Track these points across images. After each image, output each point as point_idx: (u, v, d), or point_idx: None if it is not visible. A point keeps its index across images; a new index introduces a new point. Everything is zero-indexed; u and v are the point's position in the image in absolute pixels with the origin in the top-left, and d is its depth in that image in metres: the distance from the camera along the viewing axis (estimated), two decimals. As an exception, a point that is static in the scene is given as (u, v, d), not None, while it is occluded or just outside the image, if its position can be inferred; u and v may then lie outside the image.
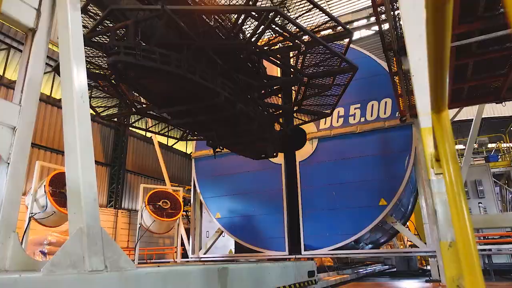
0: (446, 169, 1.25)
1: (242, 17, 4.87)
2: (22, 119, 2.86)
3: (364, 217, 8.30)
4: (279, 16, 4.56)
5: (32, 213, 6.80)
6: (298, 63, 6.00)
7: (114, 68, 4.48)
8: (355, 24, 10.97)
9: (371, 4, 5.72)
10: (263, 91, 6.62)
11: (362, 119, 8.84)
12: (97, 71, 6.09)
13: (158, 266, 3.04)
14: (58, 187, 6.95)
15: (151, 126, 7.91)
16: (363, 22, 10.76)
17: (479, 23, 3.96)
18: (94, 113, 7.21)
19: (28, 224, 6.70)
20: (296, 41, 5.43)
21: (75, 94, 2.95)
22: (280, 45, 5.83)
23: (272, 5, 5.35)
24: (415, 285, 6.99)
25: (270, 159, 9.09)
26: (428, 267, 8.80)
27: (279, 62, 5.70)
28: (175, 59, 4.76)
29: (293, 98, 7.08)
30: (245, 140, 6.89)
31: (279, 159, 10.48)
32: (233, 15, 5.14)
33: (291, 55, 6.23)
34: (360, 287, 6.91)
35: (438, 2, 0.90)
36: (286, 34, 5.22)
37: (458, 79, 5.30)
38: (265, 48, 5.56)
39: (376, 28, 10.25)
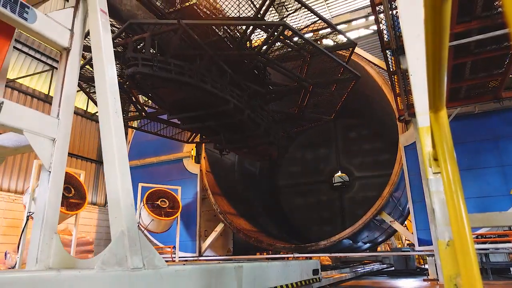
0: (444, 168, 1.26)
1: (251, 28, 5.23)
2: (60, 131, 3.12)
3: (488, 207, 7.22)
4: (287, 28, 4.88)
5: (30, 212, 6.78)
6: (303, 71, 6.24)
7: (132, 78, 4.61)
8: (354, 23, 10.96)
9: (369, 3, 5.72)
10: (268, 96, 6.90)
11: None
12: None
13: (184, 264, 3.48)
14: (56, 186, 6.95)
15: (160, 129, 8.02)
16: (362, 21, 10.75)
17: (477, 22, 3.97)
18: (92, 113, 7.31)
19: (26, 223, 6.67)
20: (301, 50, 5.68)
21: (110, 110, 3.19)
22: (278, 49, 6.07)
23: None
24: (413, 284, 7.01)
25: (188, 169, 11.19)
26: (426, 266, 8.83)
27: (285, 71, 5.96)
28: (189, 70, 5.04)
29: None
30: (251, 143, 7.02)
31: (195, 169, 11.52)
32: (243, 26, 5.41)
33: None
34: (358, 286, 6.92)
35: (437, 1, 0.90)
36: (292, 44, 5.42)
37: (456, 79, 5.31)
38: (271, 55, 5.71)
39: (374, 27, 10.25)
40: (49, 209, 2.90)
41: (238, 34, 5.46)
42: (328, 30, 10.63)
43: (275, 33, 4.91)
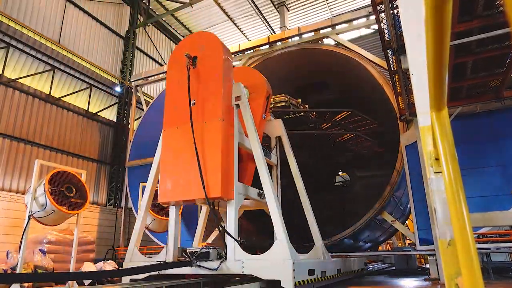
0: (445, 167, 1.26)
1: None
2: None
3: (489, 207, 7.29)
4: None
5: (31, 211, 6.79)
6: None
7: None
8: (355, 22, 10.93)
9: (370, 2, 5.71)
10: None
11: None
12: None
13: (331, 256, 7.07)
14: (57, 186, 6.94)
15: None
16: (363, 20, 10.71)
17: (478, 21, 3.96)
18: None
19: (27, 223, 6.69)
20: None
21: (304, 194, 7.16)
22: None
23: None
24: (414, 283, 7.00)
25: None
26: (427, 266, 8.82)
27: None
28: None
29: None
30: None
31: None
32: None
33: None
34: (359, 286, 6.92)
35: (437, 1, 0.90)
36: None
37: (457, 78, 5.30)
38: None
39: (375, 26, 10.24)
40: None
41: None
42: (329, 29, 10.79)
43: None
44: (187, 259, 5.09)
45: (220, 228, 5.23)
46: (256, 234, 10.94)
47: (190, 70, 5.64)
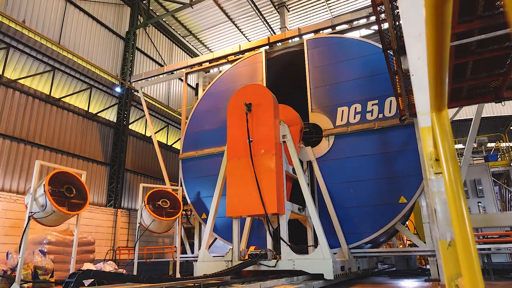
0: (445, 168, 1.25)
1: None
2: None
3: (383, 215, 8.15)
4: None
5: (31, 212, 6.79)
6: None
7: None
8: (355, 23, 10.93)
9: (370, 3, 5.71)
10: None
11: (380, 115, 8.69)
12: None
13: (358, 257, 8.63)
14: (57, 186, 6.93)
15: None
16: (363, 21, 10.71)
17: (478, 22, 3.96)
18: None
19: (27, 223, 6.69)
20: None
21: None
22: None
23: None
24: (414, 284, 6.99)
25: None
26: (428, 266, 8.81)
27: None
28: None
29: None
30: None
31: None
32: None
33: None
34: (359, 286, 6.91)
35: (438, 1, 0.90)
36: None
37: (457, 78, 5.30)
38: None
39: (375, 27, 10.24)
40: None
41: None
42: (329, 30, 10.81)
43: None
44: (249, 260, 6.39)
45: (272, 234, 6.77)
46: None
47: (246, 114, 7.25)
